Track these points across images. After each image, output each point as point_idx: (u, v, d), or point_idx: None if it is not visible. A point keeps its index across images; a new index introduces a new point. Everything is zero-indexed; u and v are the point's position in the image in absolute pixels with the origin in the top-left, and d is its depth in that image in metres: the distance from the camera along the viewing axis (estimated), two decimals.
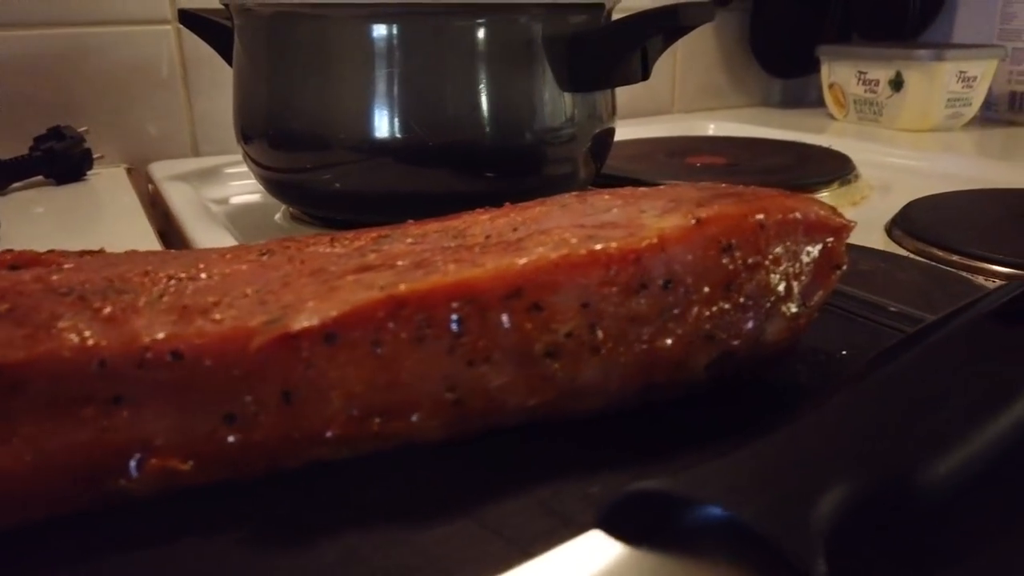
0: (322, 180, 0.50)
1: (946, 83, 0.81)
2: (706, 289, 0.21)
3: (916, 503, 0.16)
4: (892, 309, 0.29)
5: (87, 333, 0.18)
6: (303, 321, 0.18)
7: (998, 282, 0.40)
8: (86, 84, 0.70)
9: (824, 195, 0.61)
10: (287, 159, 0.50)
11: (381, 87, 0.47)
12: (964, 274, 0.40)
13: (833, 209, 0.24)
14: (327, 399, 0.19)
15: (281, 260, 0.23)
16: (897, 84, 0.84)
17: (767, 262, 0.22)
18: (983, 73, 0.83)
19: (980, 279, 0.40)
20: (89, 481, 0.18)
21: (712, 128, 0.92)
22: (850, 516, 0.16)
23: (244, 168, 0.57)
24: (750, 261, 0.22)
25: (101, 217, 0.60)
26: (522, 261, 0.20)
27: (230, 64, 0.55)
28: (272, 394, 0.19)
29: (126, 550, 0.18)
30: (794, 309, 0.23)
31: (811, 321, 0.23)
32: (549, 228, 0.23)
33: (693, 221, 0.21)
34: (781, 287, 0.23)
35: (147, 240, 0.51)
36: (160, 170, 0.70)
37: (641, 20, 0.46)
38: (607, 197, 0.26)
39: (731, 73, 1.04)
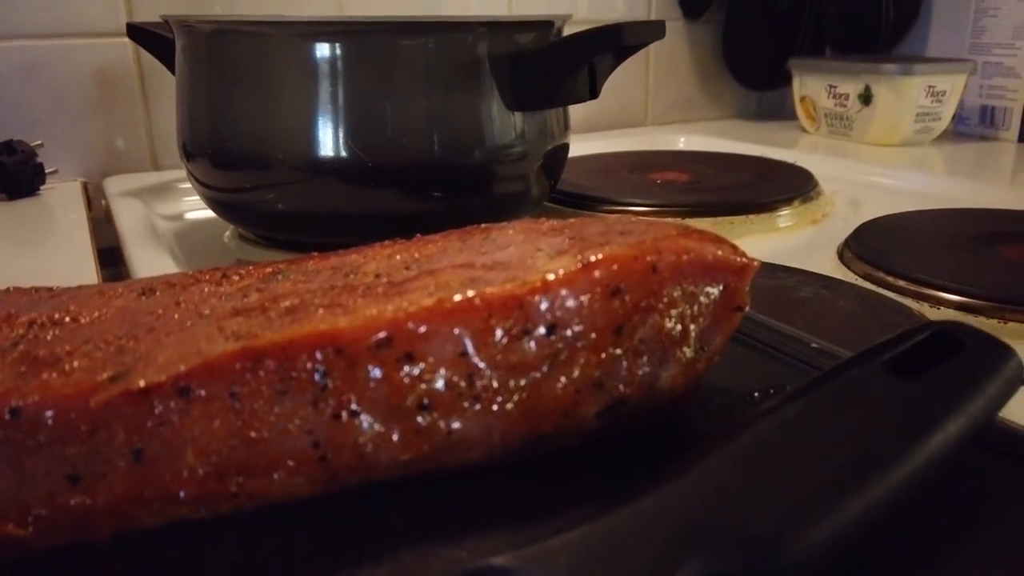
0: (265, 200, 0.49)
1: (914, 97, 0.81)
2: (594, 335, 0.20)
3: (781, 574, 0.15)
4: (814, 345, 0.28)
5: None
6: (151, 376, 0.17)
7: (943, 310, 0.40)
8: (42, 98, 0.69)
9: (784, 213, 0.60)
10: (229, 178, 0.49)
11: (323, 107, 0.46)
12: (908, 301, 0.39)
13: (734, 248, 0.23)
14: (181, 456, 0.18)
15: (158, 301, 0.22)
16: (866, 98, 0.84)
17: (660, 305, 0.21)
18: (953, 87, 0.82)
19: (926, 307, 0.39)
20: None
21: (682, 142, 0.91)
22: None
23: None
24: (642, 304, 0.21)
25: (47, 235, 0.59)
26: (391, 308, 0.19)
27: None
28: (120, 452, 0.18)
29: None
30: (690, 354, 0.22)
31: (710, 365, 0.23)
32: (438, 268, 0.22)
33: (580, 264, 0.21)
34: (676, 331, 0.22)
35: (85, 261, 0.50)
36: (115, 185, 0.69)
37: (585, 39, 0.45)
38: (511, 232, 0.25)
39: (705, 86, 1.03)
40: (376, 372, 0.19)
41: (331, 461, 0.19)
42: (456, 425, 0.20)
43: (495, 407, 0.20)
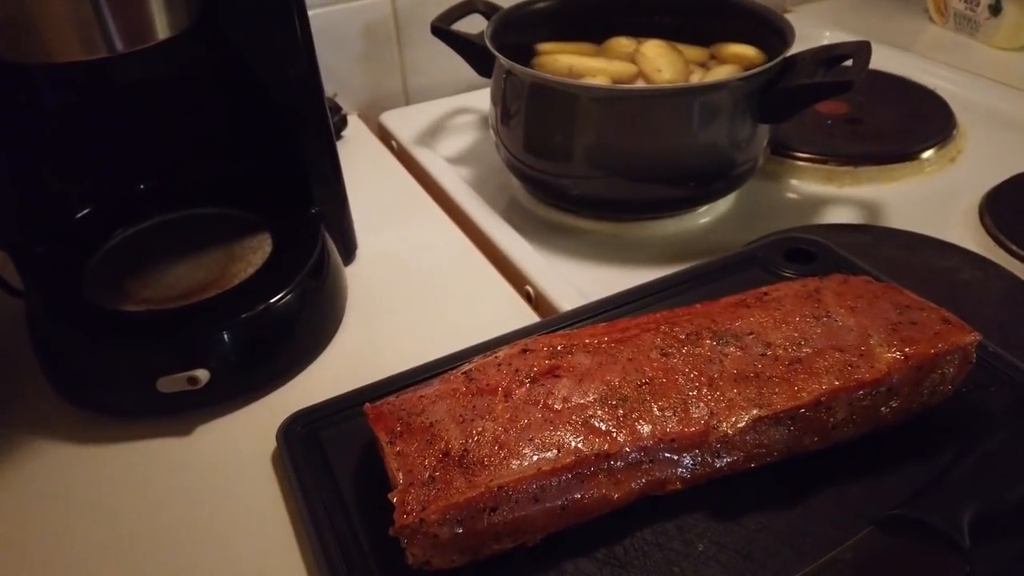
0: (564, 184, 0.69)
1: None
2: (906, 389, 0.43)
3: (1006, 510, 0.39)
4: (990, 349, 0.50)
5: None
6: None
7: None
8: (328, 55, 0.86)
9: (928, 156, 0.78)
10: (542, 164, 0.69)
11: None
12: None
13: (966, 329, 0.44)
14: None
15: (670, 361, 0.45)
16: (996, 9, 0.96)
17: (937, 372, 0.44)
18: None
19: None
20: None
21: (827, 36, 1.04)
22: (977, 517, 0.39)
23: (462, 120, 0.78)
24: (929, 371, 0.43)
25: (372, 172, 0.80)
26: (823, 386, 0.42)
27: (475, 69, 0.73)
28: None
29: None
30: (946, 388, 0.45)
31: (955, 388, 0.45)
32: (822, 350, 0.44)
33: (902, 356, 0.43)
34: (940, 380, 0.44)
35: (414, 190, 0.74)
36: (391, 120, 0.89)
37: (815, 86, 0.62)
38: (842, 312, 0.46)
39: None
40: (815, 416, 0.42)
41: (799, 446, 0.43)
42: (843, 432, 0.43)
43: (860, 425, 0.43)
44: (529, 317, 0.60)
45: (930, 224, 0.69)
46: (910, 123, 0.83)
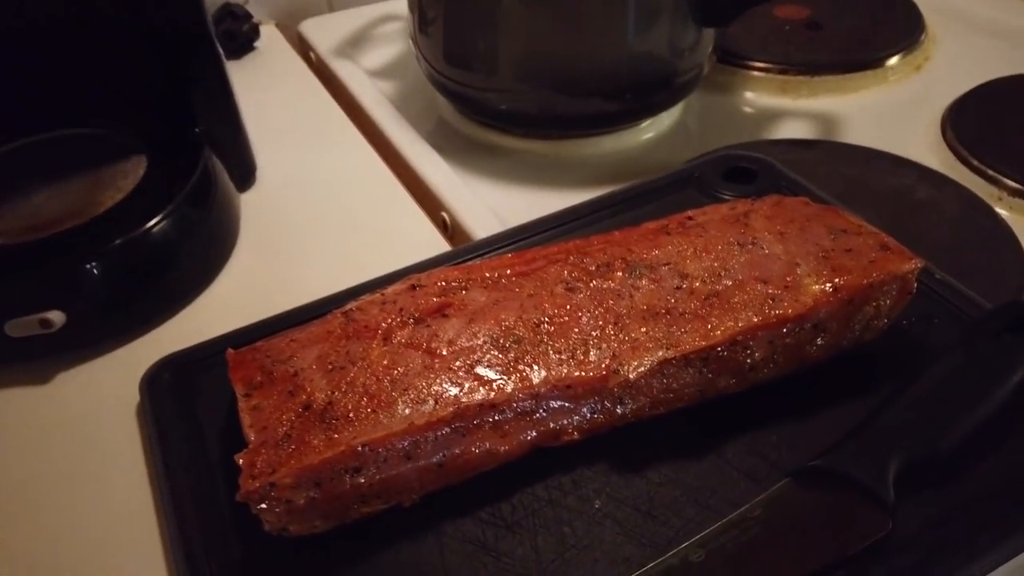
0: (489, 99, 0.63)
1: None
2: (835, 324, 0.38)
3: (937, 460, 0.35)
4: (937, 276, 0.45)
5: None
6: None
7: None
8: None
9: (893, 63, 0.72)
10: (464, 76, 0.62)
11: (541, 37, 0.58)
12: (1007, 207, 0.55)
13: (906, 255, 0.39)
14: None
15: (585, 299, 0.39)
16: None
17: (871, 304, 0.39)
18: None
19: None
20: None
21: None
22: (904, 468, 0.34)
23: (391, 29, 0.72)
24: (862, 304, 0.38)
25: (285, 86, 0.73)
26: (740, 324, 0.37)
27: None
28: None
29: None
30: (881, 323, 0.40)
31: (890, 322, 0.40)
32: (743, 282, 0.39)
33: (831, 288, 0.38)
34: (876, 313, 0.39)
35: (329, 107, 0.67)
36: (311, 30, 0.81)
37: None
38: (770, 238, 0.41)
39: None
40: (728, 354, 0.37)
41: (710, 391, 0.38)
42: (763, 374, 0.38)
43: (783, 365, 0.38)
44: (441, 247, 0.54)
45: (890, 139, 0.63)
46: (875, 28, 0.76)
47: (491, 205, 0.58)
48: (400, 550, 0.35)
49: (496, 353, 0.37)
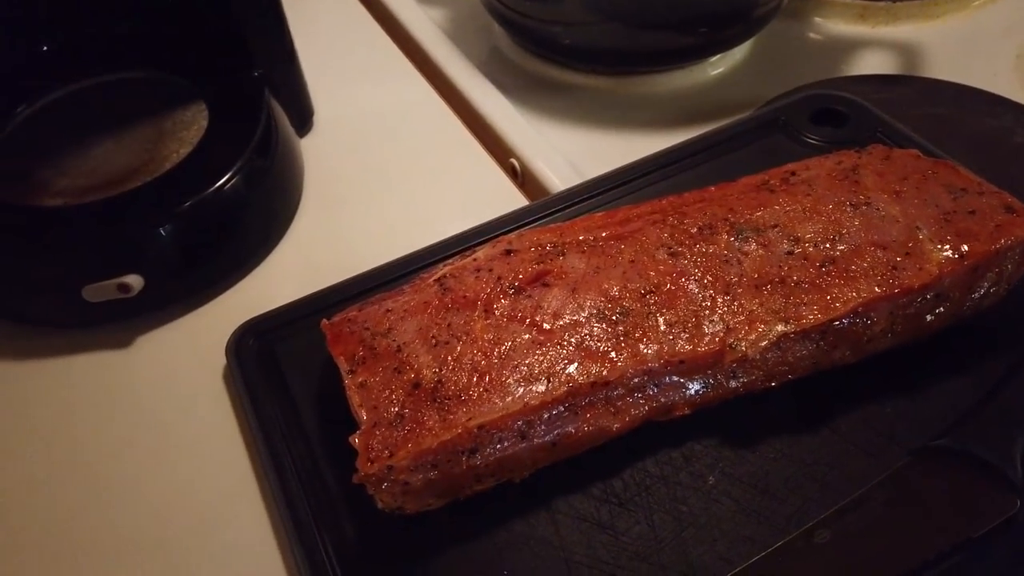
0: (554, 32, 0.59)
1: None
2: (957, 293, 0.37)
3: None
4: None
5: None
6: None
7: None
8: None
9: None
10: (526, 6, 0.58)
11: None
12: None
13: None
14: None
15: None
16: None
17: (995, 270, 0.37)
18: None
19: None
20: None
21: None
22: None
23: None
24: (988, 272, 0.37)
25: (327, 23, 0.69)
26: (862, 295, 0.35)
27: None
28: None
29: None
30: (1002, 289, 0.38)
31: (1010, 288, 0.39)
32: (860, 247, 0.37)
33: (957, 256, 0.36)
34: (997, 280, 0.37)
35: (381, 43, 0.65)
36: None
37: None
38: (885, 198, 0.39)
39: None
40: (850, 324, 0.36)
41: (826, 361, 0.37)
42: (880, 343, 0.37)
43: (903, 333, 0.37)
44: (514, 198, 0.52)
45: (976, 71, 0.59)
46: None
47: (560, 148, 0.56)
48: (513, 527, 0.35)
49: (604, 326, 0.36)
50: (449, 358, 0.35)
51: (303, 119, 0.56)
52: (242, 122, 0.49)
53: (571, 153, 0.56)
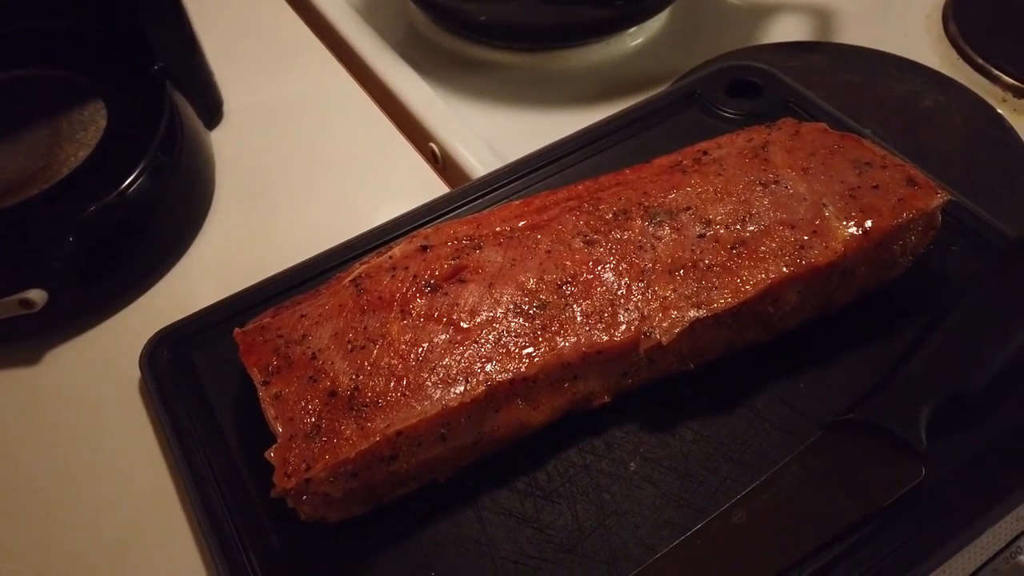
0: (468, 9, 0.58)
1: None
2: (863, 268, 0.37)
3: (966, 401, 0.35)
4: (954, 200, 0.44)
5: None
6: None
7: None
8: None
9: None
10: None
11: None
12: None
13: (933, 188, 0.38)
14: None
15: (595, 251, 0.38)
16: None
17: (900, 242, 0.38)
18: None
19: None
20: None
21: None
22: (935, 412, 0.35)
23: None
24: (892, 246, 0.38)
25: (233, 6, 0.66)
26: (771, 276, 0.36)
27: None
28: None
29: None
30: (906, 260, 0.39)
31: (914, 258, 0.40)
32: (769, 227, 0.37)
33: (861, 232, 0.37)
34: (902, 251, 0.38)
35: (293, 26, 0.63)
36: None
37: None
38: (793, 176, 0.39)
39: None
40: (758, 308, 0.36)
41: (739, 342, 0.37)
42: (789, 321, 0.38)
43: (810, 310, 0.38)
44: (435, 184, 0.51)
45: (889, 35, 0.60)
46: None
47: (480, 130, 0.55)
48: (439, 527, 0.35)
49: (521, 321, 0.36)
50: (366, 363, 0.35)
51: (211, 111, 0.54)
52: (144, 119, 0.47)
53: (491, 135, 0.55)
